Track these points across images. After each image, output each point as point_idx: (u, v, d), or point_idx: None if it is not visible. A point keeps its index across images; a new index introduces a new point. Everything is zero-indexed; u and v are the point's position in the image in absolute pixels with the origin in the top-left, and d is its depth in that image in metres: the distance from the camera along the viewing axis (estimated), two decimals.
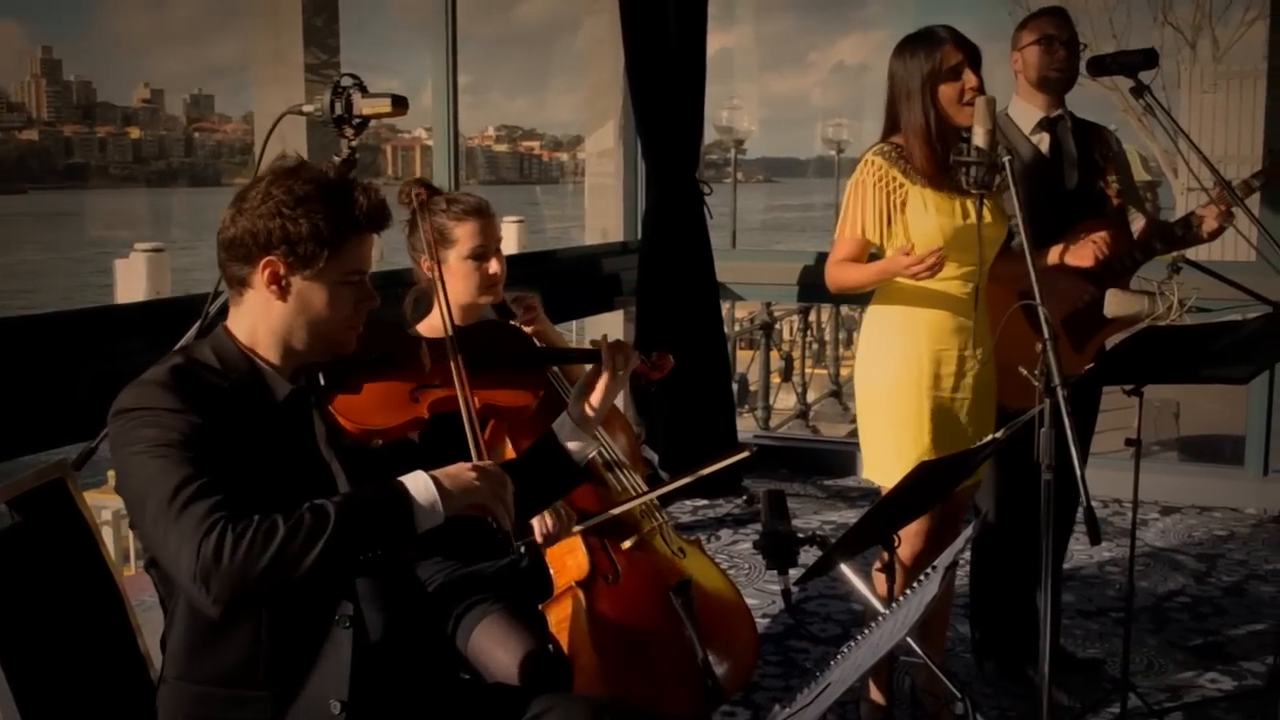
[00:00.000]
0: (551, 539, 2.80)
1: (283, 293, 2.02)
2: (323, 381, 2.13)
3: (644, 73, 5.61)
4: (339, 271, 2.03)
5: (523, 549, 2.26)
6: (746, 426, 7.83)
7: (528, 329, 2.97)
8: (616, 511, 2.87)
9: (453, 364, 2.23)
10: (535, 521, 2.76)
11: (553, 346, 2.97)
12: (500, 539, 2.03)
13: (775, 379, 9.21)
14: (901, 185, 3.22)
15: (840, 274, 3.31)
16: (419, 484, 1.93)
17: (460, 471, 1.98)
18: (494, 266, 2.93)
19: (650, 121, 5.68)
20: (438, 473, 1.96)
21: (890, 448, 3.27)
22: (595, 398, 2.32)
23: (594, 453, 2.33)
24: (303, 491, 1.88)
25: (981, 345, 3.19)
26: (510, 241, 16.69)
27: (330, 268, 2.02)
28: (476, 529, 2.12)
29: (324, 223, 1.99)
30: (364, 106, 2.70)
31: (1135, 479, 3.33)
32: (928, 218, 3.18)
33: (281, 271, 2.00)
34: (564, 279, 5.85)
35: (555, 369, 3.00)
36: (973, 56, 3.18)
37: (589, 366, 2.39)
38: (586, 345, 2.49)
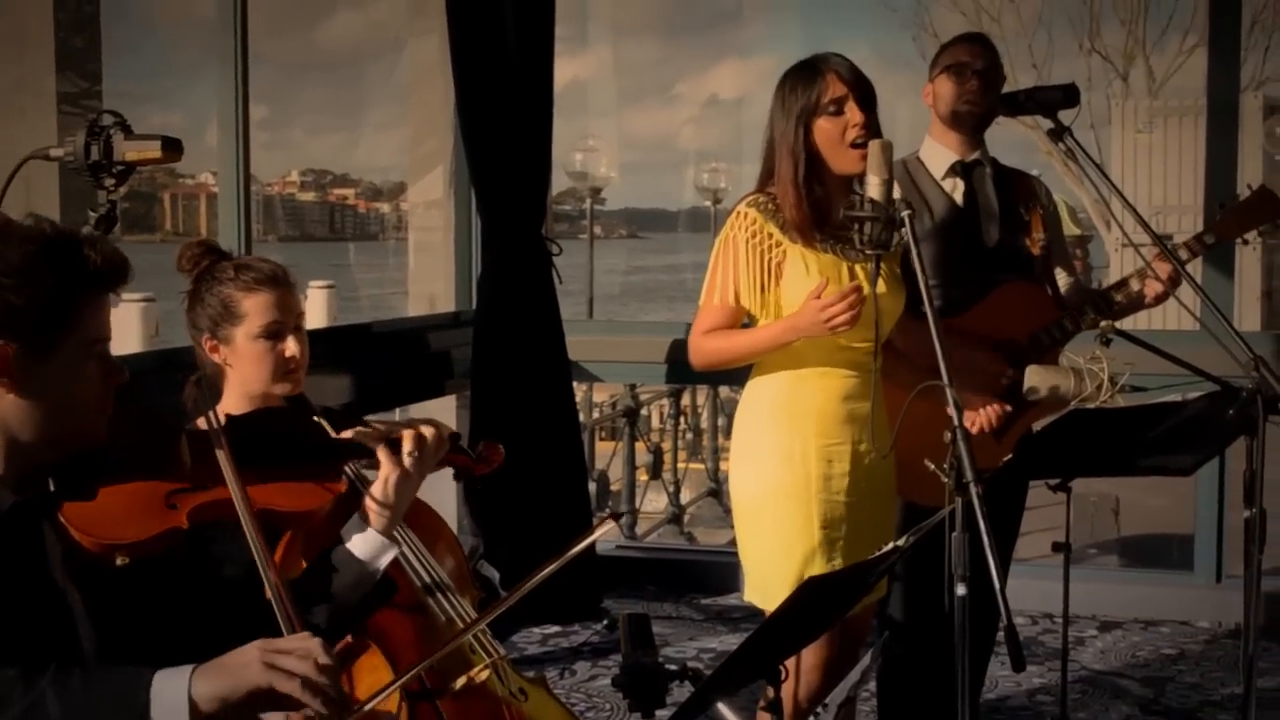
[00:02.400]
0: None
1: (13, 384, 1.98)
2: (52, 487, 2.08)
3: (479, 107, 5.65)
4: (77, 344, 2.00)
5: None
6: (608, 534, 7.82)
7: None
8: (438, 655, 2.82)
9: (220, 459, 2.17)
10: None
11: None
12: None
13: (642, 476, 9.24)
14: (779, 244, 3.27)
15: (710, 345, 3.33)
16: (168, 690, 1.84)
17: (237, 656, 1.89)
18: (291, 347, 2.92)
19: (487, 166, 5.71)
20: (210, 664, 1.88)
21: (774, 563, 3.29)
22: (376, 489, 2.30)
23: (392, 556, 2.31)
24: (34, 628, 1.82)
25: (880, 436, 3.24)
26: (317, 312, 16.58)
27: (66, 342, 1.99)
28: None
29: (50, 291, 1.96)
30: (128, 150, 2.67)
31: (1065, 590, 3.41)
32: (809, 283, 3.22)
33: (10, 355, 1.96)
34: (382, 357, 5.81)
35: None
36: (861, 91, 3.26)
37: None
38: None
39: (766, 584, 3.31)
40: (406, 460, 2.31)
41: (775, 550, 3.29)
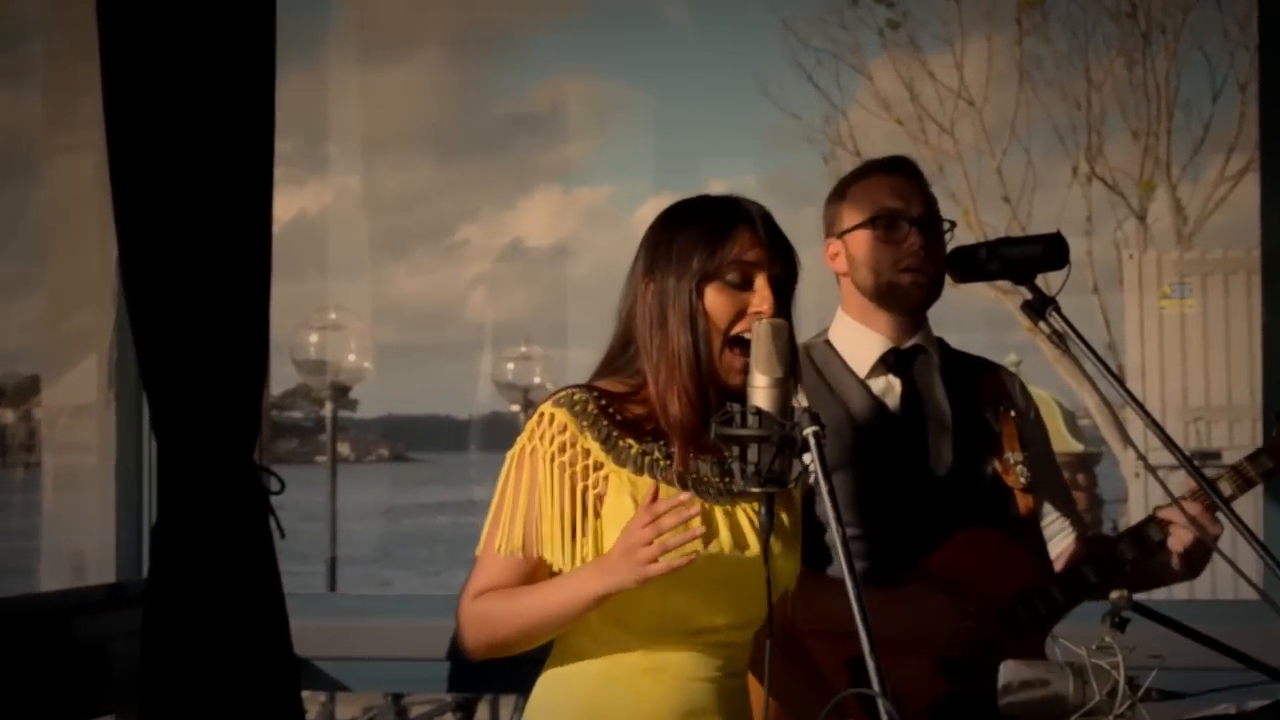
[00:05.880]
0: None
1: None
2: None
3: (153, 262, 5.61)
4: None
5: None
6: None
7: None
8: None
9: None
10: None
11: None
12: None
13: None
14: (598, 465, 3.25)
15: (481, 612, 3.30)
16: None
17: None
18: None
19: (165, 353, 5.66)
20: None
21: None
22: None
23: None
24: None
25: None
26: None
27: None
28: None
29: None
30: None
31: None
32: None
33: None
34: None
35: None
36: (781, 257, 3.26)
37: None
38: None
39: None
40: None
41: None
